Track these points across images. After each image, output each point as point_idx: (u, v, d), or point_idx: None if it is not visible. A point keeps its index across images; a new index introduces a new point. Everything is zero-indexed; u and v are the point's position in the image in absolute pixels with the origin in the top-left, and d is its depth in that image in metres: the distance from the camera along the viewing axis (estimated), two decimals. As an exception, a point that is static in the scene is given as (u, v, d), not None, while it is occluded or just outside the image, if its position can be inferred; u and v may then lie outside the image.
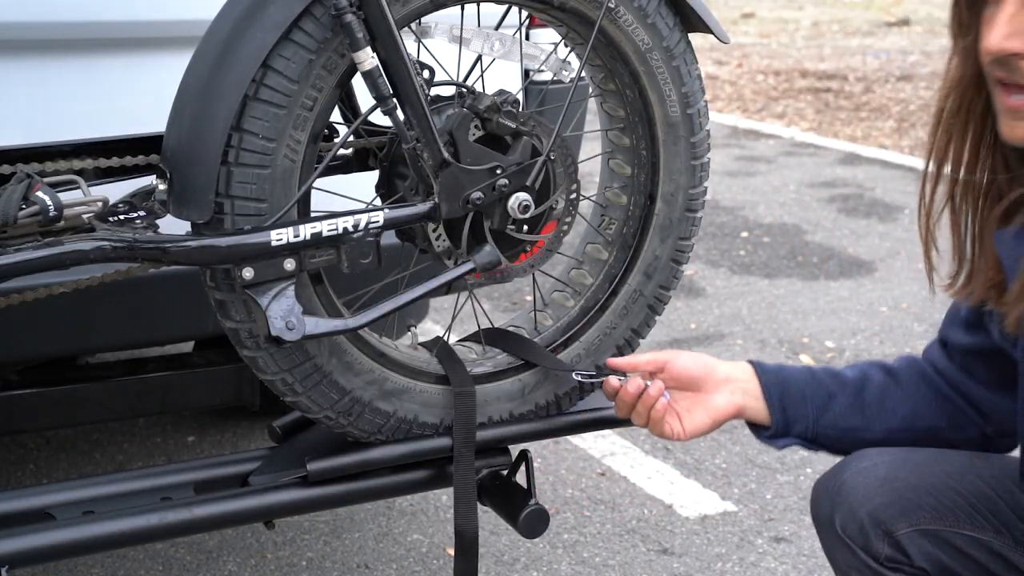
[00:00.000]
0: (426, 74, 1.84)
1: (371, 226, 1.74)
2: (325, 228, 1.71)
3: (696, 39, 2.03)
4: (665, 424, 1.83)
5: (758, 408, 1.84)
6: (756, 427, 1.87)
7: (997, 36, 1.43)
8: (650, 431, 1.87)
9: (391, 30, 1.70)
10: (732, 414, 1.85)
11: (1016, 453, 1.76)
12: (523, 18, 2.02)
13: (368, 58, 1.68)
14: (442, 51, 1.94)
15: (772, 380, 1.83)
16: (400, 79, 1.73)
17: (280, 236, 1.68)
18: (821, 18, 13.62)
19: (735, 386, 1.84)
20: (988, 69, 1.50)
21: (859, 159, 6.99)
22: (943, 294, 1.72)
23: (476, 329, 2.08)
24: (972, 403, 1.81)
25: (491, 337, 2.07)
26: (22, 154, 1.78)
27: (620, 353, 2.08)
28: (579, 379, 1.95)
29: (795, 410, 1.82)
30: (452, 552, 2.84)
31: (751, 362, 1.86)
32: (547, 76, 2.19)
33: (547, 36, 2.44)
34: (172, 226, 1.73)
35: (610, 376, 1.87)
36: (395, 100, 1.73)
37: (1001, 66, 1.47)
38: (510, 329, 2.09)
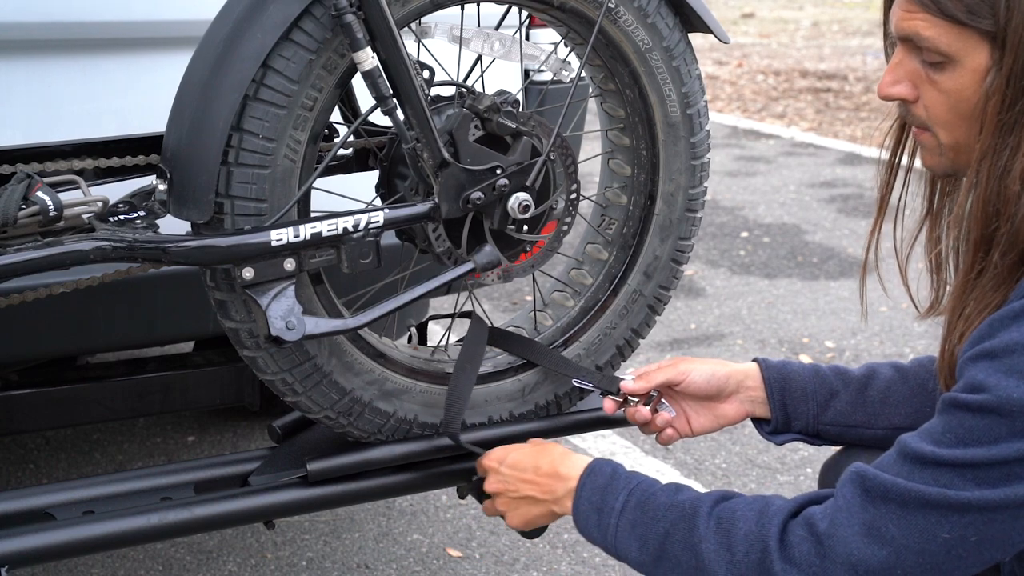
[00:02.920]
0: (426, 74, 1.84)
1: (371, 226, 1.74)
2: (325, 228, 1.71)
3: (696, 39, 2.03)
4: (673, 433, 1.90)
5: (762, 405, 1.86)
6: (759, 422, 1.87)
7: (883, 83, 1.56)
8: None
9: (391, 30, 1.70)
10: (739, 420, 1.89)
11: None
12: (523, 18, 2.02)
13: (368, 58, 1.68)
14: (442, 51, 1.94)
15: (775, 376, 1.84)
16: (400, 79, 1.73)
17: (280, 236, 1.68)
18: (821, 18, 13.62)
19: (745, 395, 1.87)
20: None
21: (859, 159, 6.99)
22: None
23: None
24: None
25: (493, 337, 2.06)
26: (22, 154, 1.78)
27: (620, 353, 2.08)
28: (579, 386, 1.96)
29: (796, 406, 1.83)
30: (452, 552, 2.84)
31: (758, 360, 1.87)
32: (547, 76, 2.19)
33: (547, 36, 2.44)
34: (172, 226, 1.73)
35: (608, 396, 1.91)
36: (395, 100, 1.73)
37: (899, 108, 1.60)
38: (509, 329, 2.09)
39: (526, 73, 2.46)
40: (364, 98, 1.84)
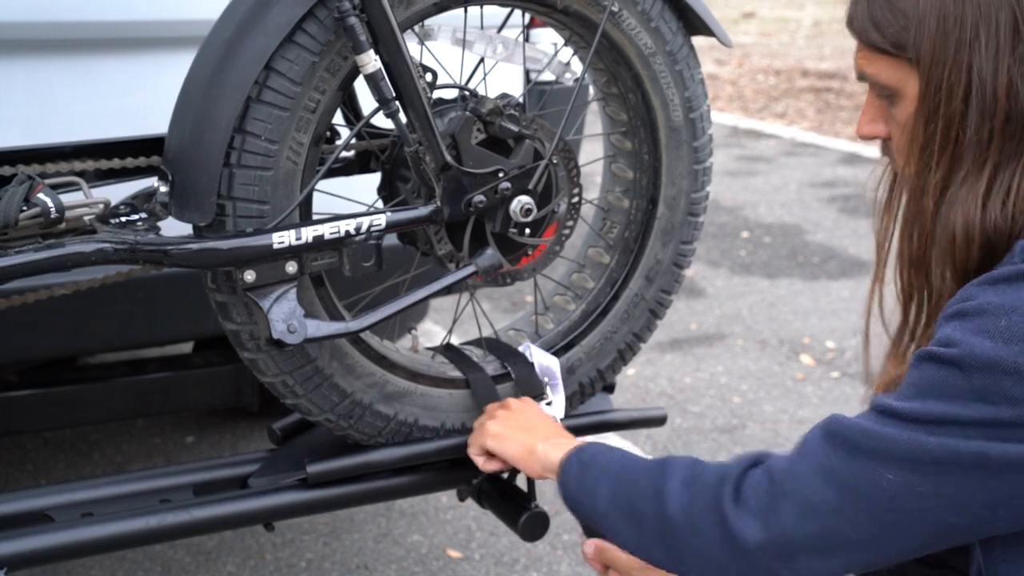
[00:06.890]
0: (429, 77, 1.83)
1: (373, 229, 1.73)
2: (327, 231, 1.70)
3: (696, 39, 2.03)
4: None
5: None
6: None
7: (859, 123, 1.59)
8: None
9: (394, 33, 1.69)
10: None
11: None
12: (526, 21, 2.01)
13: (371, 61, 1.68)
14: (445, 54, 1.94)
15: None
16: (403, 82, 1.72)
17: (282, 239, 1.67)
18: (822, 17, 13.61)
19: None
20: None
21: (860, 159, 6.99)
22: None
23: (475, 329, 2.08)
24: None
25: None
26: (23, 155, 1.77)
27: (621, 357, 2.07)
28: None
29: None
30: (452, 553, 2.84)
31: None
32: (550, 79, 2.19)
33: (547, 36, 2.43)
34: (174, 228, 1.73)
35: None
36: (398, 103, 1.73)
37: (880, 146, 1.61)
38: (510, 332, 2.08)
39: (528, 76, 2.45)
40: (366, 100, 1.84)
